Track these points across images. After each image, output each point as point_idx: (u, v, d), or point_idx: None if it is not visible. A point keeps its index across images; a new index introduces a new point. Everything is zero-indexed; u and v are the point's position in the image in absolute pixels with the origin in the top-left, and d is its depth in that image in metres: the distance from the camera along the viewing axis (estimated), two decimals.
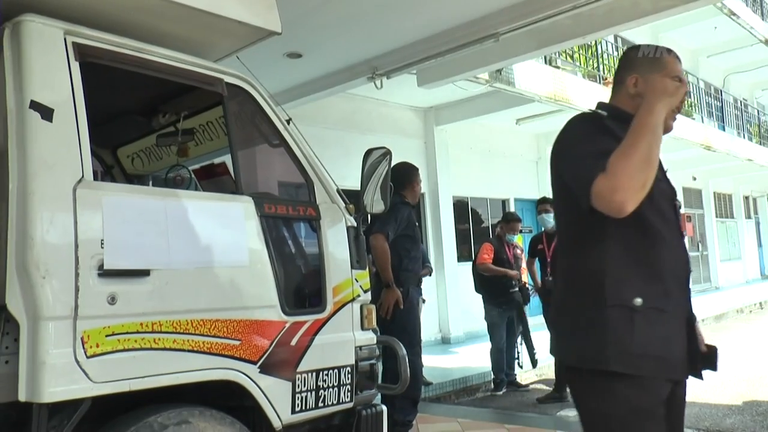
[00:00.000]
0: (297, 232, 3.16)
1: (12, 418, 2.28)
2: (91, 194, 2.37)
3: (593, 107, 2.25)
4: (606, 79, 12.73)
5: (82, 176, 2.37)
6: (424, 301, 6.72)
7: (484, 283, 7.56)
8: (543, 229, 7.10)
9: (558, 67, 11.17)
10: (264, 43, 3.22)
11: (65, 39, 2.45)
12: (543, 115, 12.23)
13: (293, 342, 2.88)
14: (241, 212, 2.80)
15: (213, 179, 3.50)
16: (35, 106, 2.30)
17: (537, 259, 7.10)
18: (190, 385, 2.54)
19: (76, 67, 2.45)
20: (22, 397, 2.21)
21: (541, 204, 7.11)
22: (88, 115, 2.45)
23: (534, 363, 7.53)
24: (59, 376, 2.20)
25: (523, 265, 7.79)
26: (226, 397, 2.73)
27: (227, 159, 3.47)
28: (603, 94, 11.89)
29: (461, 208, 12.40)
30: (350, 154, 5.77)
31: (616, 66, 2.33)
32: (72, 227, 2.28)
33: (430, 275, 6.84)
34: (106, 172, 3.98)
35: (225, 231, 2.75)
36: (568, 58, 11.90)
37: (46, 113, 2.32)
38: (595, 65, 12.74)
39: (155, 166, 3.97)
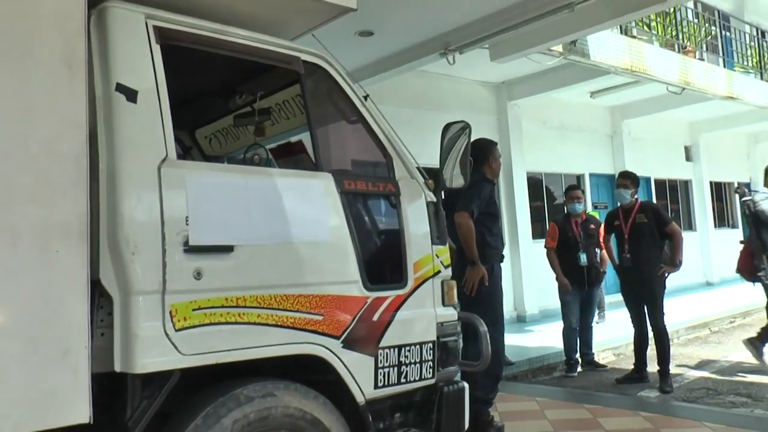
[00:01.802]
0: (377, 208, 3.15)
1: (108, 388, 2.36)
2: (175, 173, 2.43)
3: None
4: (686, 47, 12.21)
5: (166, 155, 2.43)
6: None
7: (551, 258, 7.38)
8: (619, 204, 6.84)
9: (634, 37, 10.77)
10: (335, 22, 3.20)
11: (146, 23, 2.51)
12: (618, 87, 11.87)
13: (375, 317, 2.89)
14: (321, 189, 2.82)
15: (290, 158, 3.52)
16: (120, 88, 2.38)
17: (614, 235, 6.86)
18: (272, 359, 2.58)
19: (157, 49, 2.51)
20: (117, 367, 2.30)
21: (620, 178, 6.85)
22: (169, 97, 2.51)
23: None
24: (150, 348, 2.28)
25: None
26: (309, 372, 2.76)
27: (303, 137, 3.50)
28: (682, 63, 11.42)
29: (535, 184, 12.17)
30: (423, 133, 5.71)
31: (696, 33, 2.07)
32: (158, 205, 2.35)
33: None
34: (185, 154, 4.06)
35: (306, 207, 2.77)
36: (645, 27, 11.45)
37: (131, 95, 2.39)
38: (674, 33, 12.21)
39: (232, 146, 4.03)
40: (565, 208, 7.55)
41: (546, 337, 9.00)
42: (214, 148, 4.10)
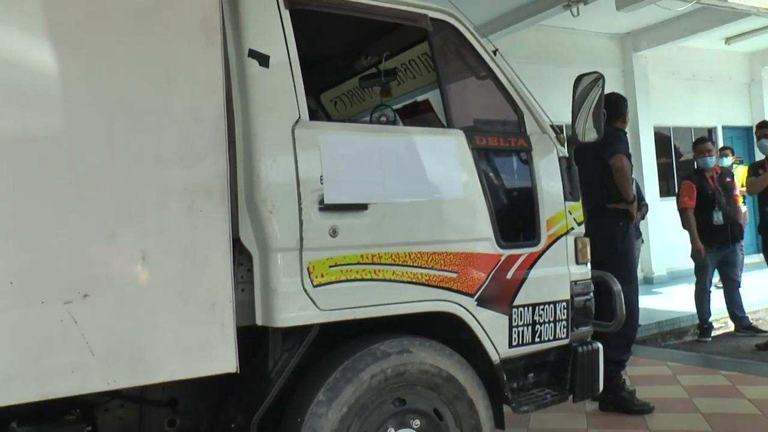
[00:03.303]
0: (508, 163, 3.09)
1: (250, 340, 2.46)
2: (308, 133, 2.48)
3: None
4: None
5: (299, 117, 2.48)
6: (642, 240, 6.35)
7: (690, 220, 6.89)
8: (764, 156, 6.33)
9: None
10: None
11: None
12: (758, 31, 10.98)
13: (509, 275, 2.85)
14: (453, 145, 2.78)
15: (416, 117, 3.50)
16: (253, 54, 2.44)
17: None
18: (404, 316, 2.61)
19: (286, 14, 2.54)
20: (258, 321, 2.41)
21: (760, 128, 6.33)
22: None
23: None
24: (290, 303, 2.36)
25: (737, 193, 7.06)
26: (442, 330, 2.77)
27: (430, 96, 3.47)
28: None
29: (662, 140, 11.57)
30: (545, 89, 5.54)
31: None
32: (293, 165, 2.40)
33: (647, 214, 6.41)
34: (311, 117, 4.12)
35: (438, 164, 2.74)
36: None
37: (263, 60, 2.45)
38: None
39: (357, 108, 4.06)
40: (695, 163, 6.97)
41: (675, 300, 8.61)
42: (339, 111, 4.14)
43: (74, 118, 2.12)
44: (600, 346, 3.17)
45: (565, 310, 3.01)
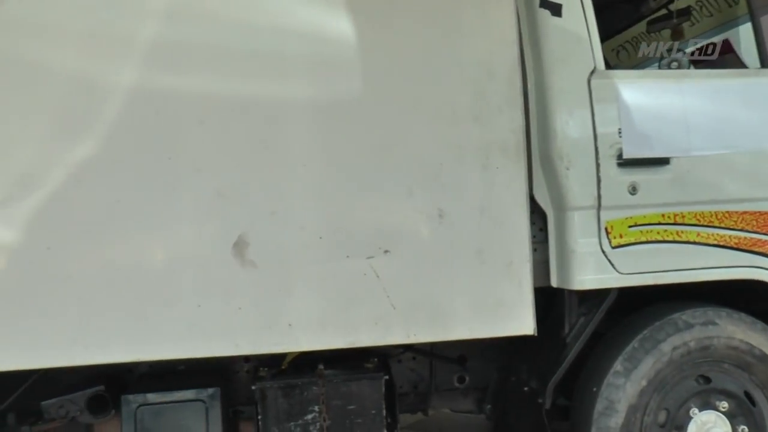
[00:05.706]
0: None
1: (542, 302, 2.40)
2: (605, 84, 2.34)
3: None
4: None
5: (595, 67, 2.35)
6: None
7: None
8: None
9: None
10: None
11: None
12: None
13: None
14: None
15: (712, 61, 3.14)
16: (545, 4, 2.36)
17: None
18: (703, 283, 2.38)
19: None
20: (553, 282, 2.35)
21: None
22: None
23: None
24: (587, 265, 2.27)
25: None
26: (747, 301, 2.50)
27: (729, 35, 3.10)
28: None
29: None
30: None
31: None
32: (590, 118, 2.30)
33: None
34: None
35: (750, 111, 2.45)
36: None
37: (555, 9, 2.36)
38: None
39: (641, 55, 3.77)
40: None
41: None
42: (622, 61, 3.88)
43: (373, 82, 2.20)
44: None
45: None
